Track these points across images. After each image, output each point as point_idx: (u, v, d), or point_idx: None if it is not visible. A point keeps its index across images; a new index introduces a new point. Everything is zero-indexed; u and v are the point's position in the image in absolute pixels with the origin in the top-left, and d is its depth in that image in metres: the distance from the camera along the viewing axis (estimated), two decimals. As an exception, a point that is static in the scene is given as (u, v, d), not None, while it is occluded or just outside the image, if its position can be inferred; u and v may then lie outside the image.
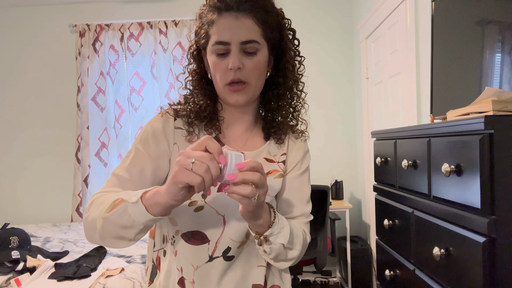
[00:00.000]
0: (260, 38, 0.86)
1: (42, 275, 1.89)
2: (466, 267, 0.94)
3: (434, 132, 1.12)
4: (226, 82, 0.86)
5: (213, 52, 0.86)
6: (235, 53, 0.84)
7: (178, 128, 0.93)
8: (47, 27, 3.66)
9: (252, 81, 0.87)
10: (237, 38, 0.83)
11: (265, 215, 0.79)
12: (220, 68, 0.86)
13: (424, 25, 2.04)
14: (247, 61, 0.85)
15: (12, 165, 3.65)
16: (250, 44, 0.84)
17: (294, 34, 0.98)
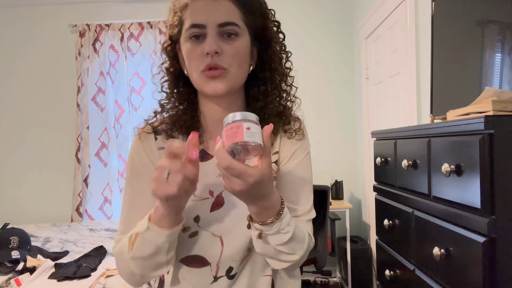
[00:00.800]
0: (240, 22, 0.78)
1: (42, 275, 1.89)
2: (466, 267, 0.94)
3: (434, 132, 1.12)
4: (201, 68, 0.77)
5: (187, 38, 0.78)
6: (211, 35, 0.75)
7: (161, 148, 0.86)
8: (47, 27, 3.66)
9: (232, 68, 0.77)
10: (214, 20, 0.75)
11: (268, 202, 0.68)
12: (195, 54, 0.77)
13: (424, 25, 2.04)
14: (225, 46, 0.77)
15: (12, 165, 3.65)
16: (229, 27, 0.76)
17: (279, 26, 0.90)
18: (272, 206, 0.70)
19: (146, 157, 0.85)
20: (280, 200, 0.72)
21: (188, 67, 0.80)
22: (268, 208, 0.69)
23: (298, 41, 3.57)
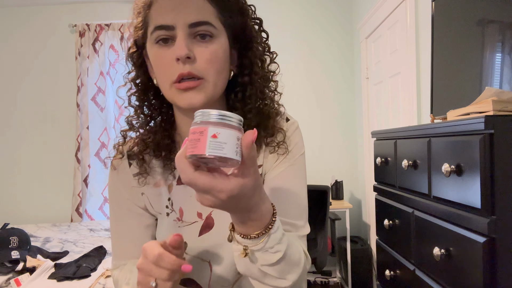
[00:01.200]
0: (215, 21, 0.67)
1: (42, 275, 1.89)
2: (466, 267, 0.94)
3: (434, 132, 1.12)
4: (172, 79, 0.65)
5: (153, 41, 0.67)
6: (181, 38, 0.64)
7: (137, 174, 0.78)
8: (47, 27, 3.65)
9: (210, 77, 0.66)
10: (184, 19, 0.64)
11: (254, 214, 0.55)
12: (164, 62, 0.65)
13: (424, 25, 2.04)
14: (199, 49, 0.65)
15: (12, 165, 3.65)
16: (202, 27, 0.65)
17: (260, 24, 0.77)
18: (259, 217, 0.56)
19: (123, 188, 0.80)
20: (272, 211, 0.59)
21: (157, 77, 0.70)
22: (254, 219, 0.56)
23: (298, 41, 3.57)
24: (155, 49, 0.67)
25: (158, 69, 0.68)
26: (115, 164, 0.80)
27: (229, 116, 0.47)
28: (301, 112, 3.56)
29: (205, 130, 0.47)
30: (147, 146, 0.77)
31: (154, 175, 0.80)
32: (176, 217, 0.79)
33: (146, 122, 0.78)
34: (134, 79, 0.76)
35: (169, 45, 0.66)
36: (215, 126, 0.47)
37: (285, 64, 3.59)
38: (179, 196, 0.79)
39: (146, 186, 0.79)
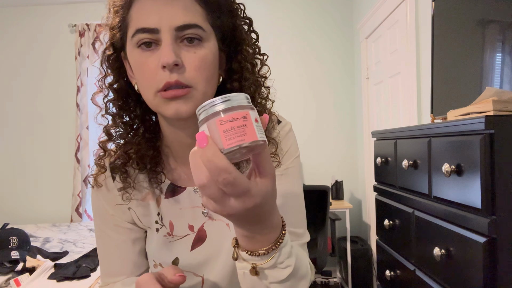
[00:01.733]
0: (204, 23, 0.61)
1: (42, 276, 1.89)
2: (466, 268, 0.93)
3: (435, 132, 1.12)
4: (158, 88, 0.59)
5: (135, 45, 0.60)
6: (167, 43, 0.57)
7: (121, 189, 0.72)
8: (47, 27, 3.65)
9: (199, 85, 0.60)
10: (170, 22, 0.57)
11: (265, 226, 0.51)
12: (148, 69, 0.59)
13: (425, 25, 2.04)
14: (188, 55, 0.59)
15: (12, 165, 3.65)
16: (190, 30, 0.58)
17: (250, 25, 0.71)
18: (269, 231, 0.51)
19: (107, 205, 0.75)
20: (282, 223, 0.54)
21: (139, 84, 0.63)
22: (264, 233, 0.51)
23: (298, 41, 3.57)
24: (137, 54, 0.60)
25: (141, 76, 0.61)
26: (98, 180, 0.73)
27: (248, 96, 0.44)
28: (301, 112, 3.56)
29: (248, 115, 0.41)
30: (130, 158, 0.71)
31: (141, 189, 0.74)
32: (166, 232, 0.75)
33: (127, 132, 0.70)
34: (112, 84, 0.69)
35: (152, 49, 0.59)
36: (253, 110, 0.42)
37: (285, 64, 3.61)
38: (168, 210, 0.75)
39: (133, 201, 0.74)
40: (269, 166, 0.45)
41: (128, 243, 0.76)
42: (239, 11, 0.69)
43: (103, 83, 0.69)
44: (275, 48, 3.56)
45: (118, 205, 0.74)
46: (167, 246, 0.75)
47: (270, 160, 0.45)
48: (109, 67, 0.68)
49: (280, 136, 0.74)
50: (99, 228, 0.77)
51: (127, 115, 0.70)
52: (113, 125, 0.70)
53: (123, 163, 0.71)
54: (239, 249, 0.54)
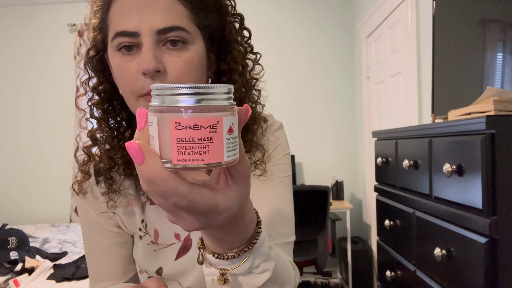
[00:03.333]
0: (188, 24, 0.57)
1: (41, 276, 1.89)
2: (467, 268, 0.93)
3: (435, 132, 1.12)
4: (139, 93, 0.56)
5: (115, 49, 0.57)
6: (148, 47, 0.54)
7: (105, 192, 0.70)
8: (46, 27, 3.65)
9: None
10: (150, 25, 0.54)
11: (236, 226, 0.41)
12: (128, 74, 0.56)
13: (425, 24, 2.03)
14: (171, 59, 0.56)
15: (11, 165, 3.65)
16: (172, 33, 0.55)
17: (242, 22, 0.67)
18: (241, 229, 0.42)
19: (92, 211, 0.73)
20: (256, 219, 0.45)
21: (120, 88, 0.61)
22: (234, 232, 0.42)
23: (298, 41, 3.56)
24: (117, 58, 0.57)
25: (122, 81, 0.58)
26: (83, 187, 0.71)
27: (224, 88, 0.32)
28: (301, 111, 3.56)
29: (219, 122, 0.31)
30: (115, 164, 0.67)
31: (126, 195, 0.72)
32: (150, 241, 0.72)
33: (113, 136, 0.67)
34: (96, 87, 0.66)
35: (133, 53, 0.56)
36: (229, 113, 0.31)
37: (285, 63, 3.60)
38: (153, 217, 0.72)
39: (119, 205, 0.72)
40: (242, 166, 0.36)
41: (115, 247, 0.74)
42: (229, 8, 0.65)
43: (87, 85, 0.66)
44: (275, 48, 3.56)
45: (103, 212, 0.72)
46: (151, 254, 0.72)
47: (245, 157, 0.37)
48: (93, 68, 0.65)
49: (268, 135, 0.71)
50: (86, 233, 0.75)
51: (113, 119, 0.67)
52: (98, 129, 0.67)
53: (108, 169, 0.67)
54: (205, 251, 0.45)
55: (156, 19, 0.54)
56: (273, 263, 0.48)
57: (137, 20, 0.54)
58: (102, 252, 0.73)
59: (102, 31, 0.60)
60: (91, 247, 0.75)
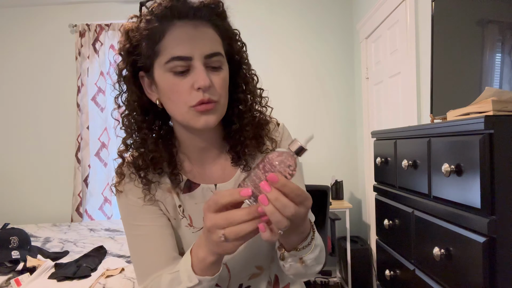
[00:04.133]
0: (222, 50, 0.74)
1: (42, 275, 1.89)
2: (466, 267, 0.94)
3: (434, 132, 1.12)
4: (192, 103, 0.70)
5: (168, 70, 0.70)
6: (201, 69, 0.69)
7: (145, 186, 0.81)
8: (47, 27, 3.65)
9: (222, 99, 0.73)
10: (201, 51, 0.69)
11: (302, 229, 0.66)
12: (182, 89, 0.70)
13: (424, 25, 2.04)
14: (214, 77, 0.72)
15: (12, 165, 3.65)
16: (215, 58, 0.71)
17: (244, 46, 0.84)
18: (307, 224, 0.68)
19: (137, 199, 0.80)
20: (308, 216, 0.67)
21: (171, 101, 0.73)
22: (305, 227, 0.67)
23: (298, 41, 3.57)
24: (170, 78, 0.70)
25: (174, 95, 0.71)
26: (120, 188, 0.81)
27: None
28: (301, 112, 3.56)
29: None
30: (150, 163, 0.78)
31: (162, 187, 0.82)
32: (187, 223, 0.83)
33: (145, 142, 0.79)
34: (134, 100, 0.77)
35: (184, 74, 0.70)
36: None
37: (285, 64, 3.61)
38: (186, 204, 0.83)
39: (160, 194, 0.82)
40: None
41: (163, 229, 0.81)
42: (237, 35, 0.81)
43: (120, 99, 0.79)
44: (275, 48, 3.56)
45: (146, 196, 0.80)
46: (191, 236, 0.83)
47: None
48: (129, 85, 0.77)
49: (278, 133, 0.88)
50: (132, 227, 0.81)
51: (145, 127, 0.79)
52: (131, 136, 0.79)
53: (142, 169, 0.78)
54: (287, 252, 0.69)
55: (204, 47, 0.70)
56: (320, 239, 0.73)
57: (190, 47, 0.69)
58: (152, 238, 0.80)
59: (150, 55, 0.72)
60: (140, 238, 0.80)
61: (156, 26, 0.70)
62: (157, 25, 0.71)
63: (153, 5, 0.72)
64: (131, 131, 0.79)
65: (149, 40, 0.71)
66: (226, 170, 0.84)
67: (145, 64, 0.73)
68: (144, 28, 0.72)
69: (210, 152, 0.83)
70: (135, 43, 0.73)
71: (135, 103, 0.78)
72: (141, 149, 0.79)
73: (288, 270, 0.73)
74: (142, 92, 0.78)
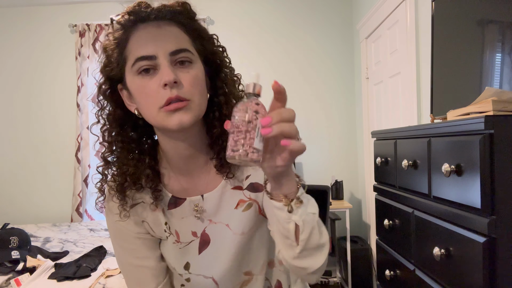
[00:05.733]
0: (191, 48, 0.72)
1: (42, 275, 1.89)
2: (466, 267, 0.94)
3: (434, 132, 1.12)
4: (160, 104, 0.67)
5: (135, 73, 0.69)
6: (166, 65, 0.67)
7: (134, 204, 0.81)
8: (47, 27, 3.65)
9: (195, 98, 0.69)
10: (165, 49, 0.67)
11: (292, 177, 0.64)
12: (150, 90, 0.68)
13: (424, 25, 2.04)
14: (182, 74, 0.69)
15: (12, 165, 3.65)
16: (182, 54, 0.69)
17: (224, 51, 0.81)
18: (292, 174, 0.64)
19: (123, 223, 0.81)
20: None
21: (142, 105, 0.71)
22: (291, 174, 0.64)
23: (298, 41, 3.57)
24: (138, 80, 0.69)
25: (143, 97, 0.69)
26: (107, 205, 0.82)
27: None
28: (301, 112, 3.56)
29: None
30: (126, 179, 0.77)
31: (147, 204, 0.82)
32: (174, 240, 0.83)
33: (125, 156, 0.77)
34: (110, 115, 0.77)
35: (151, 74, 0.68)
36: None
37: (285, 64, 3.61)
38: (172, 220, 0.83)
39: (146, 213, 0.82)
40: None
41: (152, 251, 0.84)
42: (215, 41, 0.79)
43: (100, 115, 0.77)
44: (274, 48, 3.56)
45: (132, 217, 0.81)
46: (178, 252, 0.83)
47: None
48: (107, 99, 0.76)
49: None
50: (121, 247, 0.84)
51: (124, 141, 0.77)
52: (110, 151, 0.78)
53: (121, 184, 0.77)
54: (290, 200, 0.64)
55: (168, 44, 0.68)
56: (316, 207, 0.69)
57: (154, 46, 0.67)
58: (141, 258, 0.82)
59: (120, 62, 0.71)
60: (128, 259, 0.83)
61: (122, 34, 0.71)
62: (122, 32, 0.71)
63: (120, 17, 0.72)
64: (110, 146, 0.78)
65: (118, 48, 0.71)
66: (212, 178, 0.82)
67: (118, 74, 0.73)
68: (113, 40, 0.72)
69: (196, 160, 0.80)
70: (109, 57, 0.73)
71: (114, 117, 0.77)
72: (122, 165, 0.77)
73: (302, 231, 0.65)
74: (123, 107, 0.76)
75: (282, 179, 0.62)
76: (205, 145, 0.80)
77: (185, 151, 0.77)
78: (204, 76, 0.74)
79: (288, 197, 0.63)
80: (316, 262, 0.73)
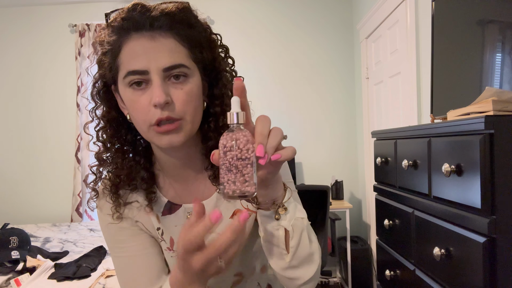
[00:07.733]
0: (188, 61, 0.66)
1: (42, 275, 1.89)
2: (466, 267, 0.93)
3: (435, 132, 1.12)
4: (151, 123, 0.64)
5: (126, 85, 0.65)
6: (157, 84, 0.62)
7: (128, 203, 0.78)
8: (47, 27, 3.65)
9: (187, 116, 0.66)
10: (157, 64, 0.63)
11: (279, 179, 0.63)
12: (140, 106, 0.64)
13: (425, 25, 2.04)
14: (175, 91, 0.65)
15: (12, 165, 3.65)
16: (176, 70, 0.64)
17: (227, 52, 0.77)
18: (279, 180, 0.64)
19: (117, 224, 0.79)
20: None
21: (133, 118, 0.68)
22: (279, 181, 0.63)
23: (298, 41, 3.57)
24: (129, 93, 0.66)
25: (134, 111, 0.66)
26: (98, 204, 0.79)
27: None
28: (301, 112, 3.56)
29: None
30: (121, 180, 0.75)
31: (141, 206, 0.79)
32: (166, 247, 0.81)
33: (119, 157, 0.75)
34: (104, 115, 0.74)
35: (143, 88, 0.65)
36: None
37: (285, 64, 3.61)
38: (166, 226, 0.80)
39: (139, 214, 0.79)
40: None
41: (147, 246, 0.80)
42: (217, 42, 0.74)
43: (95, 113, 0.75)
44: (274, 48, 3.56)
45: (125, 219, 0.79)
46: (170, 260, 0.81)
47: None
48: (101, 99, 0.73)
49: None
50: (115, 246, 0.81)
51: (118, 142, 0.75)
52: (105, 151, 0.75)
53: (114, 185, 0.75)
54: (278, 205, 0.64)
55: (162, 59, 0.63)
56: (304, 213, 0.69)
57: (146, 60, 0.63)
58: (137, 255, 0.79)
59: (112, 69, 0.68)
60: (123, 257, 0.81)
61: (115, 39, 0.66)
62: (115, 38, 0.66)
63: (114, 17, 0.67)
64: (105, 146, 0.75)
65: (111, 53, 0.67)
66: (208, 186, 0.79)
67: (111, 79, 0.70)
68: (106, 42, 0.68)
69: (190, 169, 0.77)
70: (102, 61, 0.69)
71: (109, 118, 0.74)
72: (116, 166, 0.75)
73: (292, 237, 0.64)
74: (118, 108, 0.74)
75: (270, 185, 0.61)
76: (199, 154, 0.77)
77: (179, 161, 0.75)
78: (201, 88, 0.70)
79: (276, 203, 0.63)
80: (307, 272, 0.69)
